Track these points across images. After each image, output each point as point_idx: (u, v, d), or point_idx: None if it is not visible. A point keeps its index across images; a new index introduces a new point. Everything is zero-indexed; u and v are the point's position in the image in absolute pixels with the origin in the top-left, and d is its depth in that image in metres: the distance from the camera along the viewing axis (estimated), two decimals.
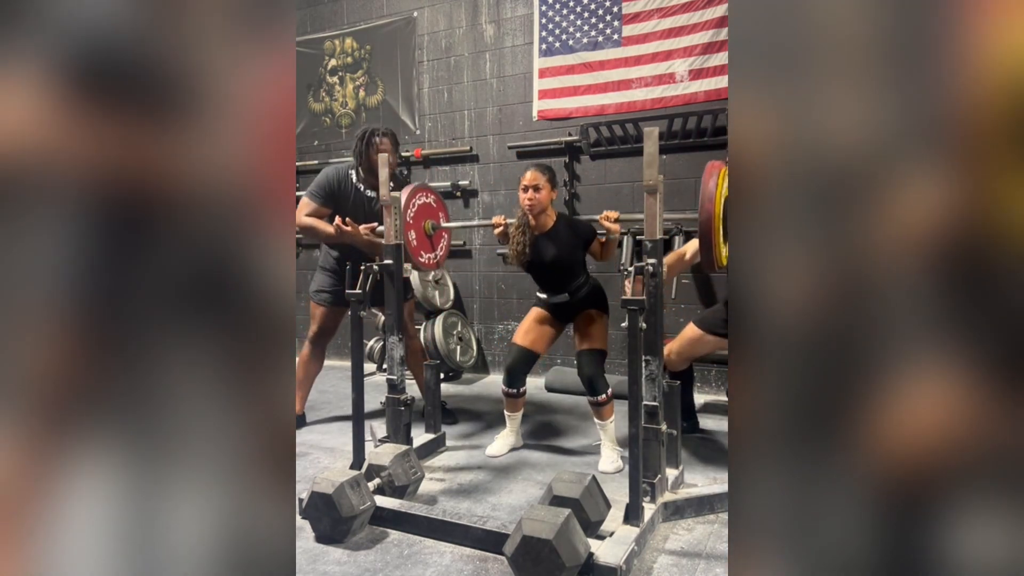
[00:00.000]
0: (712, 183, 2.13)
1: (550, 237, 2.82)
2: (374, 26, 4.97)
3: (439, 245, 3.12)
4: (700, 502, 2.29)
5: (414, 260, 2.89)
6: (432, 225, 3.00)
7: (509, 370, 2.93)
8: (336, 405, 3.89)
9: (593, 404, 2.80)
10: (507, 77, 4.52)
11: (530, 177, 2.74)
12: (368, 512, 2.19)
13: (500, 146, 4.55)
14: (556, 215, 2.86)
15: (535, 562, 1.76)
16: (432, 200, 3.02)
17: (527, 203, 2.75)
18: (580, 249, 2.87)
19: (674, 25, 3.94)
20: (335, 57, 5.16)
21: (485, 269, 4.71)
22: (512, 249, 2.82)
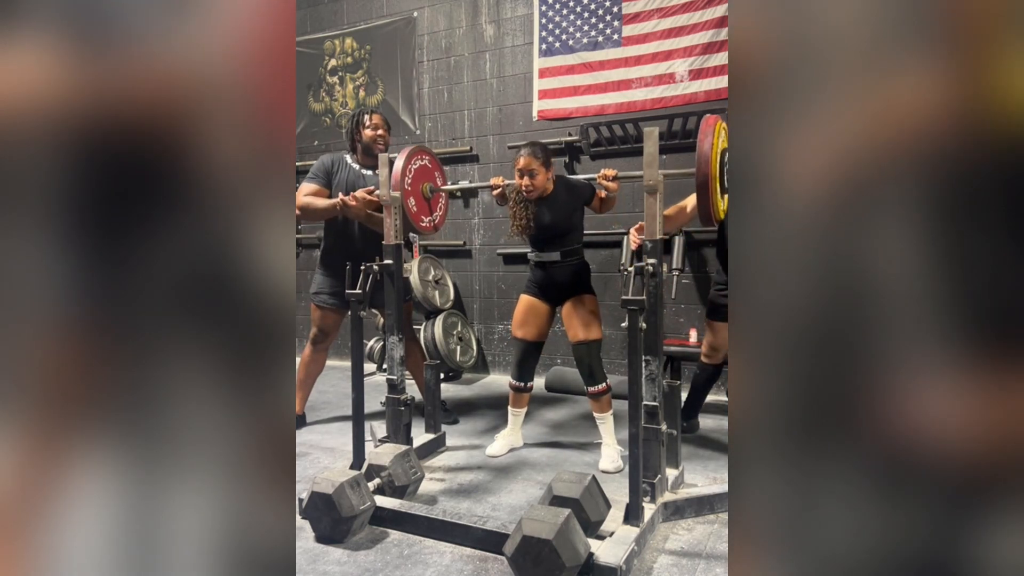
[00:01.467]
0: (708, 141, 2.11)
1: (548, 202, 2.81)
2: (374, 26, 4.97)
3: (437, 207, 3.13)
4: (700, 502, 2.29)
5: (415, 225, 2.89)
6: (430, 188, 3.01)
7: (518, 364, 2.94)
8: (336, 405, 3.89)
9: (592, 395, 2.81)
10: (507, 77, 4.52)
11: (524, 162, 2.70)
12: (368, 512, 2.19)
13: (500, 146, 4.55)
14: (555, 179, 2.83)
15: (535, 562, 1.76)
16: (428, 161, 3.03)
17: (524, 190, 2.73)
18: (579, 210, 2.85)
19: (674, 25, 3.94)
20: (335, 57, 5.16)
21: (485, 269, 4.71)
22: (516, 224, 2.81)
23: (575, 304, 2.84)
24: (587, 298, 2.85)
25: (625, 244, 4.04)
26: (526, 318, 2.92)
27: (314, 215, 3.22)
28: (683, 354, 3.77)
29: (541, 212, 2.80)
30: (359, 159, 3.27)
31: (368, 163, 3.26)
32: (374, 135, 3.20)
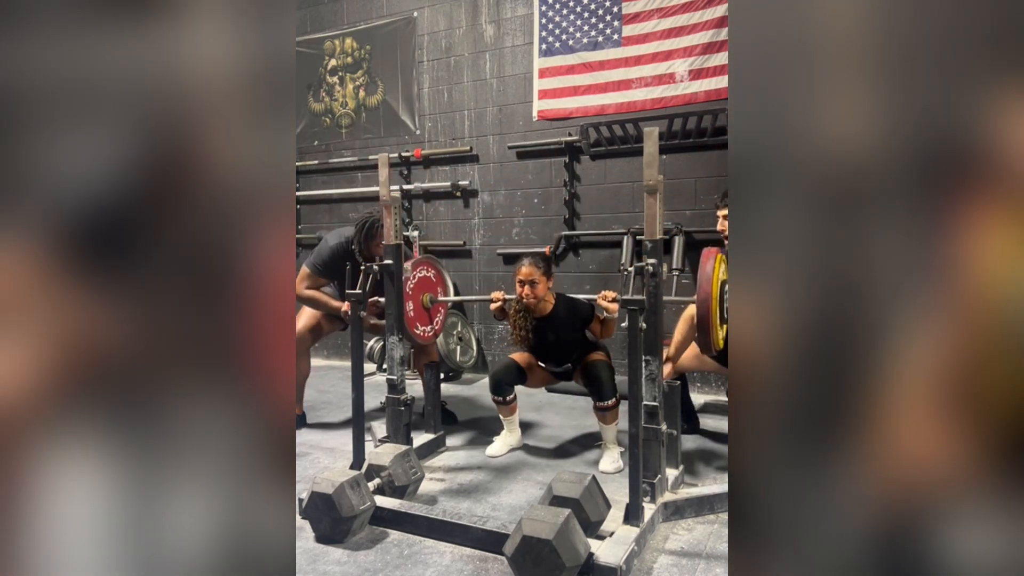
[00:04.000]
0: (709, 266, 2.16)
1: (549, 321, 2.86)
2: (374, 26, 4.97)
3: (436, 318, 3.17)
4: (700, 502, 2.29)
5: (410, 332, 2.91)
6: (430, 299, 3.06)
7: (494, 378, 2.94)
8: (336, 405, 3.89)
9: (600, 409, 2.80)
10: (507, 77, 4.52)
11: (525, 272, 2.76)
12: (368, 512, 2.19)
13: (500, 146, 4.55)
14: (555, 297, 2.88)
15: (535, 562, 1.76)
16: (432, 274, 3.09)
17: (525, 299, 2.77)
18: (579, 329, 2.91)
19: (674, 25, 3.94)
20: (335, 57, 5.16)
21: (485, 269, 4.70)
22: (515, 335, 2.87)
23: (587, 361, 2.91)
24: (599, 355, 2.92)
25: (625, 244, 4.04)
26: (530, 365, 3.00)
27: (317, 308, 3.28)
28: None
29: (543, 331, 2.87)
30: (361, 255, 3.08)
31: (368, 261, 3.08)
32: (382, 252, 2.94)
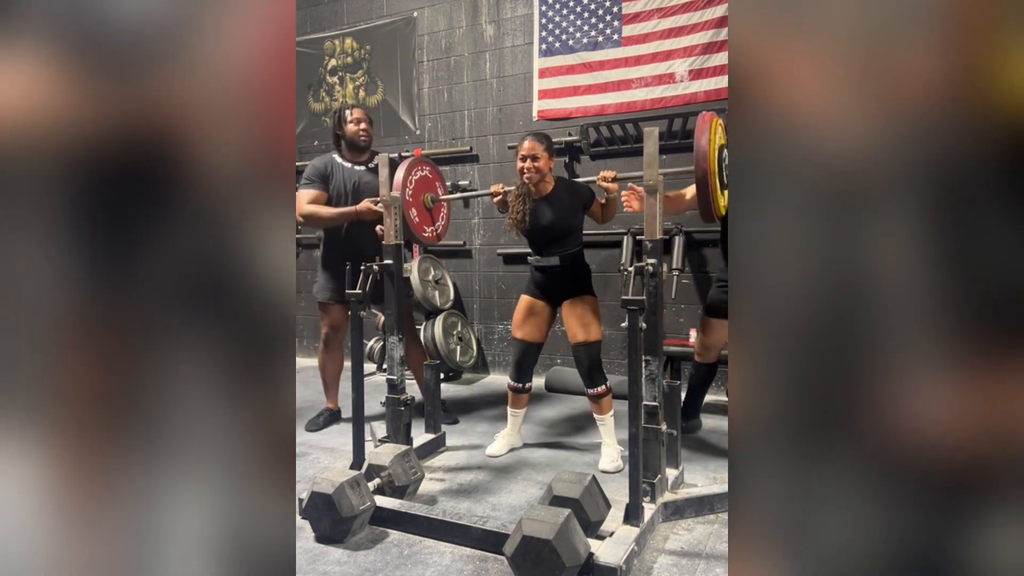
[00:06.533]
0: (705, 139, 2.11)
1: (549, 201, 2.80)
2: (374, 26, 4.97)
3: (439, 216, 3.13)
4: (700, 502, 2.29)
5: (418, 236, 2.90)
6: (431, 198, 3.01)
7: (517, 365, 2.93)
8: None
9: (592, 397, 2.80)
10: (507, 77, 4.52)
11: (528, 147, 2.72)
12: (368, 512, 2.19)
13: (500, 146, 4.55)
14: (555, 179, 2.83)
15: (535, 562, 1.76)
16: (428, 172, 3.03)
17: (526, 174, 2.73)
18: (579, 212, 2.85)
19: (674, 25, 3.94)
20: (335, 57, 5.16)
21: (485, 269, 4.70)
22: (511, 217, 2.80)
23: (574, 304, 2.83)
24: (587, 299, 2.84)
25: (625, 244, 4.04)
26: (526, 319, 2.91)
27: (321, 223, 3.24)
28: (683, 354, 3.76)
29: (541, 211, 2.79)
30: (346, 155, 3.30)
31: (356, 159, 3.30)
32: (356, 129, 3.24)
